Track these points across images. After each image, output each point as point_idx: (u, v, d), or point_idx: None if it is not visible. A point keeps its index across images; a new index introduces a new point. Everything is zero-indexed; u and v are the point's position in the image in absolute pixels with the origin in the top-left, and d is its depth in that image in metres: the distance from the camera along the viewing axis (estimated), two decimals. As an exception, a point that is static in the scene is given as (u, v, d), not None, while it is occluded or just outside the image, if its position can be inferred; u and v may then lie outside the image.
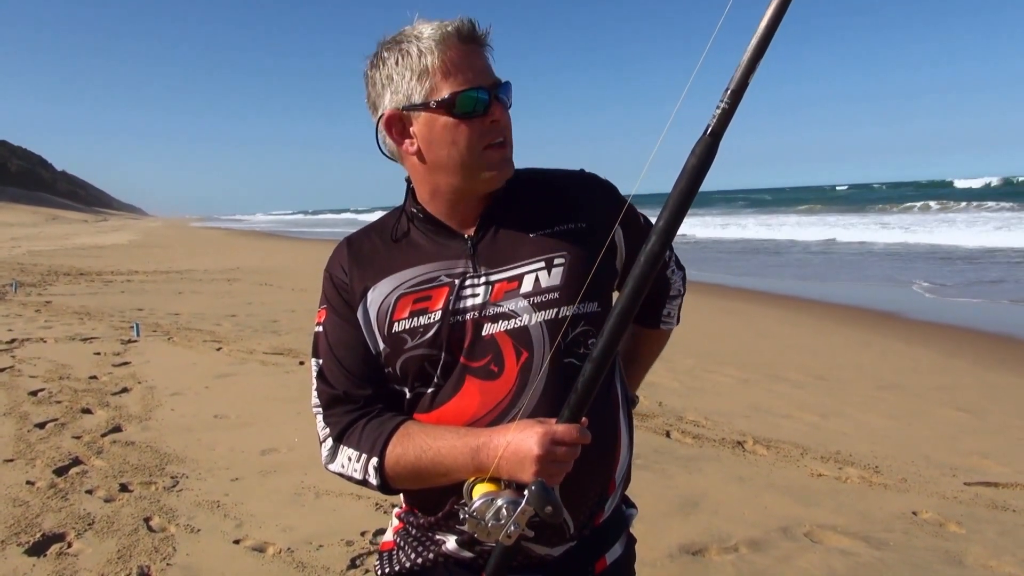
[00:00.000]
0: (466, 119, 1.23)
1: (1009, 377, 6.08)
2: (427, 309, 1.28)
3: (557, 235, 1.31)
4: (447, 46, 1.23)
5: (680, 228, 1.10)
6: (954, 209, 38.34)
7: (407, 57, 1.25)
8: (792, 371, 6.33)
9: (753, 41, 1.00)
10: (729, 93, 1.02)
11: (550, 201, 1.36)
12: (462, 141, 1.24)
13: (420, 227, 1.34)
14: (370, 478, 1.26)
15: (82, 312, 9.37)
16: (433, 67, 1.23)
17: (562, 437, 1.13)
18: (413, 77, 1.24)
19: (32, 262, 17.93)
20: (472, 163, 1.25)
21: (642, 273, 1.08)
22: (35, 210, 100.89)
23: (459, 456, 1.19)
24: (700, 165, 1.04)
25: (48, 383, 5.71)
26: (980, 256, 15.54)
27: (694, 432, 4.66)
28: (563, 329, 1.25)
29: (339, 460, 1.30)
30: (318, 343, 1.36)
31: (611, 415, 1.37)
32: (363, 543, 3.16)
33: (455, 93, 1.22)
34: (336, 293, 1.34)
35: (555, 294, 1.27)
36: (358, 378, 1.31)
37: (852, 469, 4.05)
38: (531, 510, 1.14)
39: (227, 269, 16.30)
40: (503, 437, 1.17)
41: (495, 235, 1.32)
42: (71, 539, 3.18)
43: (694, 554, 3.10)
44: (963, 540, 3.23)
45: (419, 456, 1.22)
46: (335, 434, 1.30)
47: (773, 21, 0.99)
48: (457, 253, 1.31)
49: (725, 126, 1.03)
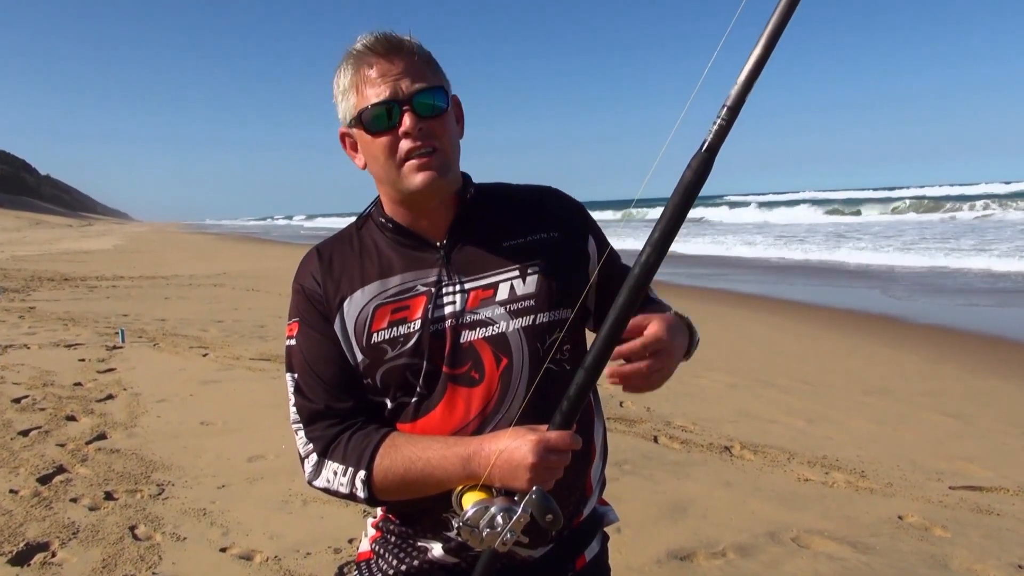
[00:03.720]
0: (377, 134, 1.25)
1: (994, 382, 6.13)
2: (406, 319, 1.28)
3: (530, 244, 1.33)
4: (361, 62, 1.25)
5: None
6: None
7: (338, 76, 1.28)
8: (780, 376, 6.36)
9: (751, 60, 1.00)
10: (726, 110, 1.01)
11: (520, 212, 1.37)
12: (380, 156, 1.26)
13: (390, 236, 1.34)
14: (358, 491, 1.25)
15: (66, 318, 9.28)
16: (352, 84, 1.26)
17: (556, 444, 1.14)
18: (343, 95, 1.28)
19: (15, 267, 17.74)
20: (394, 176, 1.26)
21: (637, 283, 1.09)
22: (18, 215, 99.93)
23: (450, 466, 1.19)
24: (696, 180, 1.05)
25: (32, 390, 5.65)
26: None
27: (682, 437, 4.67)
28: (540, 335, 1.27)
29: (324, 475, 1.28)
30: (292, 357, 1.35)
31: (587, 417, 1.39)
32: (351, 550, 3.14)
33: (362, 110, 1.24)
34: (309, 305, 1.33)
35: (531, 301, 1.29)
36: (338, 391, 1.30)
37: (839, 474, 4.08)
38: (527, 518, 1.14)
39: (214, 274, 16.20)
40: (495, 445, 1.17)
41: (467, 244, 1.33)
42: (55, 548, 3.14)
43: (682, 559, 3.11)
44: (948, 544, 3.25)
45: (408, 468, 1.21)
46: (319, 449, 1.29)
47: (772, 37, 0.99)
48: (430, 262, 1.31)
49: (721, 142, 1.04)
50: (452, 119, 1.30)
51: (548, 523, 1.14)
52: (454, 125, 1.31)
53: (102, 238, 41.37)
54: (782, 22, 0.98)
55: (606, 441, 1.48)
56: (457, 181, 1.33)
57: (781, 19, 0.98)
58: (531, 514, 1.14)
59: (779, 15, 0.98)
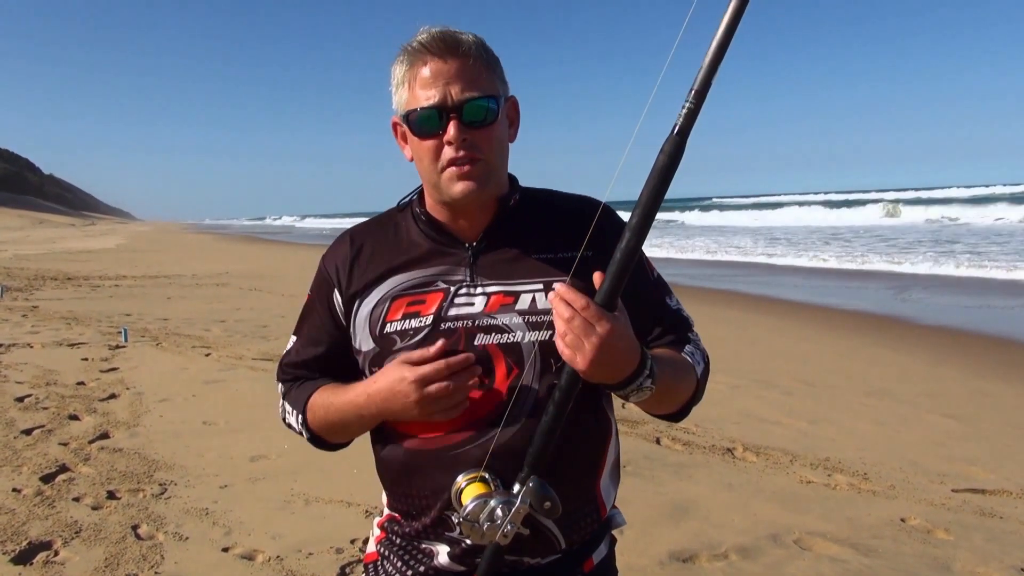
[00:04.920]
0: (422, 137, 1.25)
1: (997, 384, 6.12)
2: (419, 313, 1.29)
3: (560, 260, 1.31)
4: (417, 59, 1.24)
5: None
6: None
7: (395, 66, 1.28)
8: (782, 378, 6.36)
9: (713, 44, 1.04)
10: (693, 93, 1.06)
11: (559, 224, 1.35)
12: (424, 158, 1.27)
13: (424, 229, 1.35)
14: (304, 432, 1.41)
15: (69, 317, 9.30)
16: (404, 80, 1.26)
17: (427, 375, 1.19)
18: (396, 88, 1.28)
19: (19, 266, 17.78)
20: (436, 180, 1.27)
21: (619, 268, 1.10)
22: (21, 214, 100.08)
23: (352, 409, 1.30)
24: (669, 163, 1.08)
25: (35, 389, 5.66)
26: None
27: (684, 439, 4.67)
28: (555, 352, 1.22)
29: (285, 415, 1.45)
30: (299, 322, 1.48)
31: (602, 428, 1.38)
32: (352, 551, 3.15)
33: (411, 111, 1.24)
34: (322, 285, 1.41)
35: (551, 317, 1.24)
36: (321, 360, 1.43)
37: (841, 476, 4.07)
38: (526, 508, 1.16)
39: (216, 274, 16.21)
40: (375, 387, 1.25)
41: (498, 248, 1.32)
42: (58, 547, 3.15)
43: (684, 561, 3.11)
44: (951, 547, 3.25)
45: (327, 412, 1.35)
46: (282, 391, 1.47)
47: (732, 23, 1.04)
48: (457, 260, 1.32)
49: (691, 124, 1.07)
50: (502, 127, 1.29)
51: (546, 510, 1.16)
52: (503, 133, 1.30)
53: (105, 237, 41.43)
54: (741, 6, 1.03)
55: (619, 458, 1.44)
56: (501, 187, 1.32)
57: (738, 6, 1.03)
58: (529, 504, 1.16)
59: (736, 3, 1.03)
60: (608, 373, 1.13)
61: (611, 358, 1.10)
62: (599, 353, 1.08)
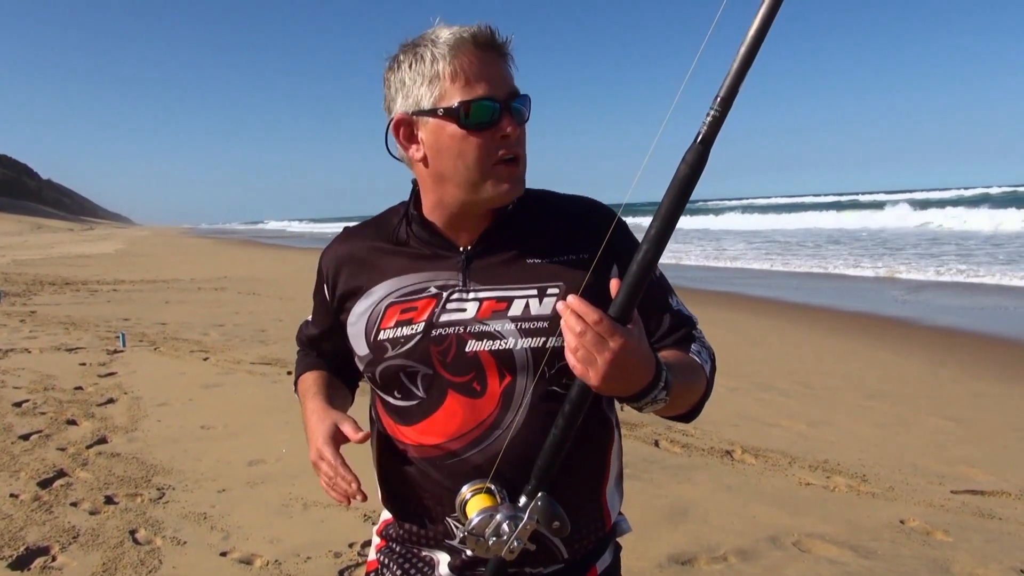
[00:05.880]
0: (474, 131, 1.19)
1: (995, 385, 6.13)
2: (411, 320, 1.27)
3: (555, 264, 1.28)
4: (461, 52, 1.19)
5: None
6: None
7: (420, 62, 1.21)
8: (780, 380, 6.36)
9: (742, 49, 0.98)
10: (719, 100, 0.99)
11: (557, 227, 1.32)
12: (470, 154, 1.20)
13: (417, 233, 1.32)
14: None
15: (67, 322, 9.29)
16: (444, 73, 1.19)
17: (318, 460, 1.27)
18: (424, 82, 1.21)
19: (17, 271, 17.76)
20: (478, 178, 1.21)
21: (635, 280, 1.04)
22: (19, 219, 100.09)
23: (305, 414, 1.39)
24: (691, 173, 1.02)
25: (32, 394, 5.66)
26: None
27: (683, 441, 4.67)
28: (550, 359, 1.22)
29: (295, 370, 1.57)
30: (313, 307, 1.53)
31: (604, 434, 1.37)
32: (351, 555, 3.14)
33: (464, 102, 1.18)
34: (320, 279, 1.44)
35: (544, 323, 1.24)
36: (320, 337, 1.52)
37: (840, 478, 4.07)
38: (533, 525, 1.13)
39: (214, 278, 16.21)
40: (308, 423, 1.35)
41: (492, 253, 1.29)
42: (55, 552, 3.14)
43: (683, 564, 3.10)
44: (950, 548, 3.25)
45: (301, 397, 1.46)
46: (298, 351, 1.60)
47: (762, 27, 0.98)
48: (450, 265, 1.29)
49: (715, 134, 1.01)
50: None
51: (555, 530, 1.13)
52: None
53: (103, 242, 41.41)
54: (771, 12, 0.98)
55: (621, 464, 1.43)
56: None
57: (770, 9, 0.98)
58: (536, 521, 1.13)
59: (768, 5, 0.98)
60: (622, 387, 1.08)
61: (625, 373, 1.05)
62: (612, 368, 1.03)
